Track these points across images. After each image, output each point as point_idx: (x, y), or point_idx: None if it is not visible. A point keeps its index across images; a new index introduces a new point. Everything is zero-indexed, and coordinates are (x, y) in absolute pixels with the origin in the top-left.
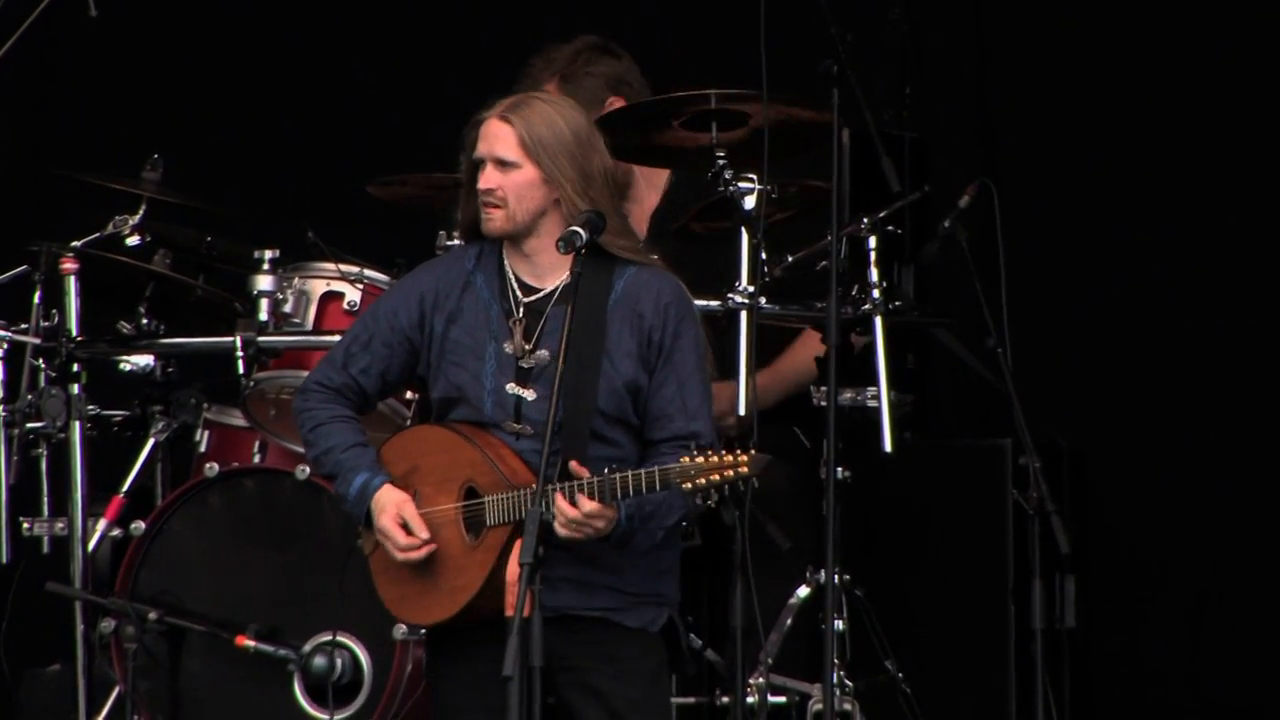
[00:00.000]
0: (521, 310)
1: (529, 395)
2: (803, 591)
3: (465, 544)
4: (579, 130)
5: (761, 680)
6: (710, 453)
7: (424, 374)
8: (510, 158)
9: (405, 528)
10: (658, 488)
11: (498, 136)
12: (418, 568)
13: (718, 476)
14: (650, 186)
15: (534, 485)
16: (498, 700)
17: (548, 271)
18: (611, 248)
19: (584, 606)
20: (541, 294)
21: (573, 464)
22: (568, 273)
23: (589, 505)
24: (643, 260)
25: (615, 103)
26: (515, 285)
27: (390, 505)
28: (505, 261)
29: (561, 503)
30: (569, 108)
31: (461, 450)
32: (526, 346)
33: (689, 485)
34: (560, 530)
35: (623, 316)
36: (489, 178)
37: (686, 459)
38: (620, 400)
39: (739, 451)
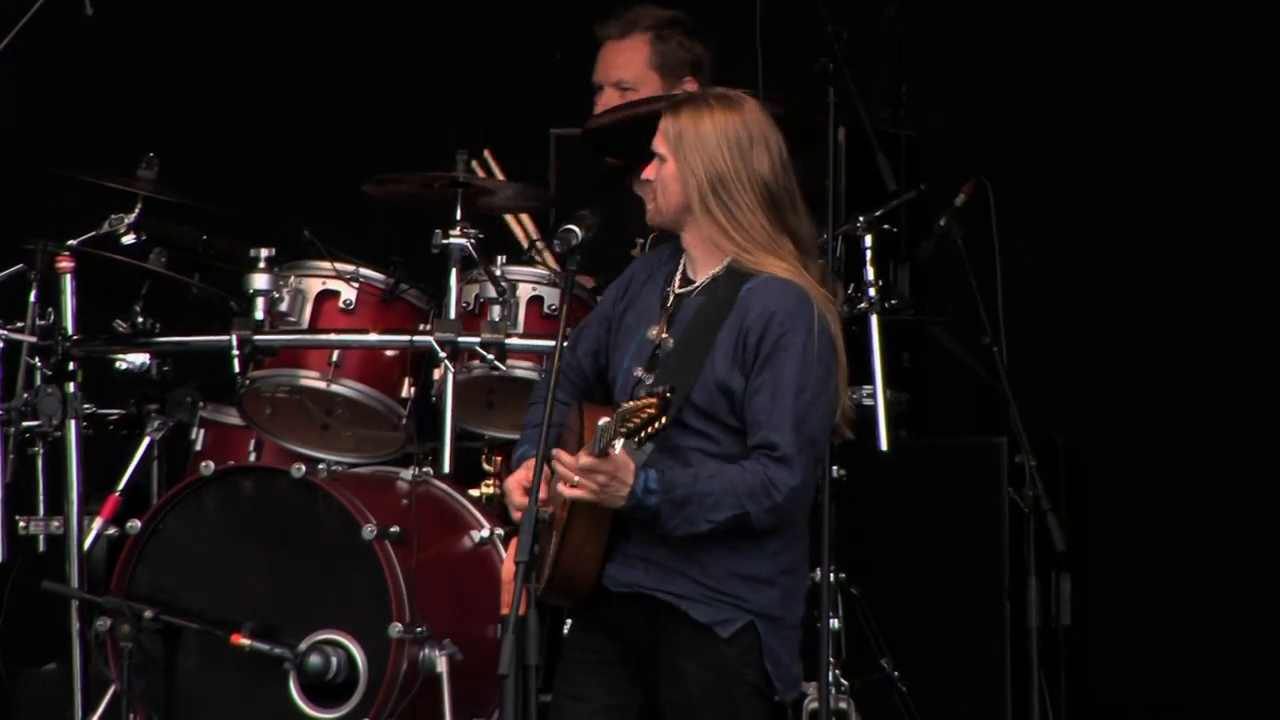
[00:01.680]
0: (672, 300)
1: (649, 379)
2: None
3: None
4: (727, 132)
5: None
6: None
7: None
8: (660, 151)
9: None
10: (612, 430)
11: (658, 130)
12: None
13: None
14: None
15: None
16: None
17: (700, 265)
18: (742, 259)
19: (655, 587)
20: (693, 286)
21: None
22: (713, 270)
23: (585, 459)
24: (788, 269)
25: (690, 84)
26: (679, 278)
27: (522, 469)
28: (684, 254)
29: (562, 454)
30: (729, 112)
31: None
32: (664, 335)
33: (626, 428)
34: (567, 491)
35: (733, 320)
36: (650, 168)
37: (629, 404)
38: (711, 397)
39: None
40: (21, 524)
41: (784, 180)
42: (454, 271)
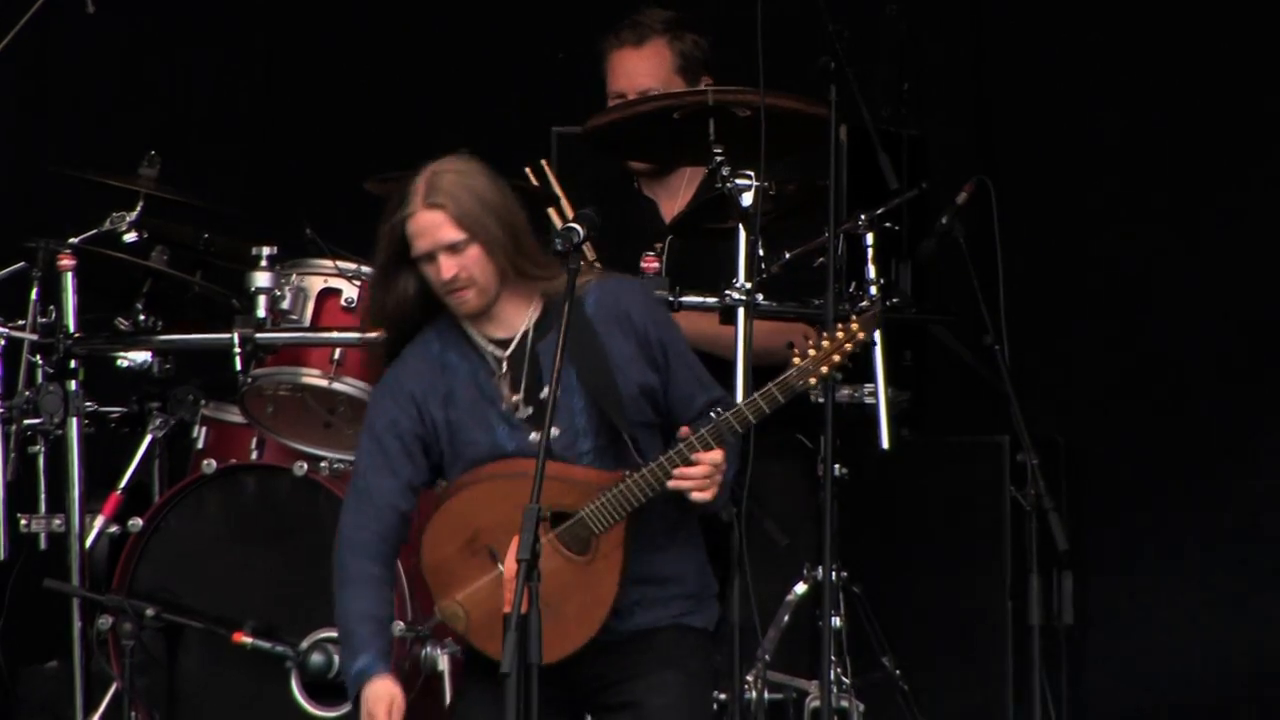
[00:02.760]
0: (504, 365)
1: (554, 433)
2: (800, 588)
3: (577, 564)
4: (491, 187)
5: (759, 677)
6: (823, 338)
7: (439, 463)
8: (456, 239)
9: None
10: (782, 400)
11: (436, 225)
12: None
13: (839, 357)
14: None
15: (616, 481)
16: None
17: (512, 318)
18: (549, 290)
19: (655, 621)
20: (515, 341)
21: (683, 427)
22: (531, 312)
23: (719, 454)
24: (586, 276)
25: (706, 81)
26: (486, 345)
27: (383, 699)
28: (466, 330)
29: (704, 458)
30: (477, 172)
31: (517, 489)
32: (518, 398)
33: (814, 380)
34: (699, 496)
35: (610, 327)
36: (447, 266)
37: (798, 358)
38: (640, 406)
39: (845, 325)
40: (23, 522)
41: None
42: None
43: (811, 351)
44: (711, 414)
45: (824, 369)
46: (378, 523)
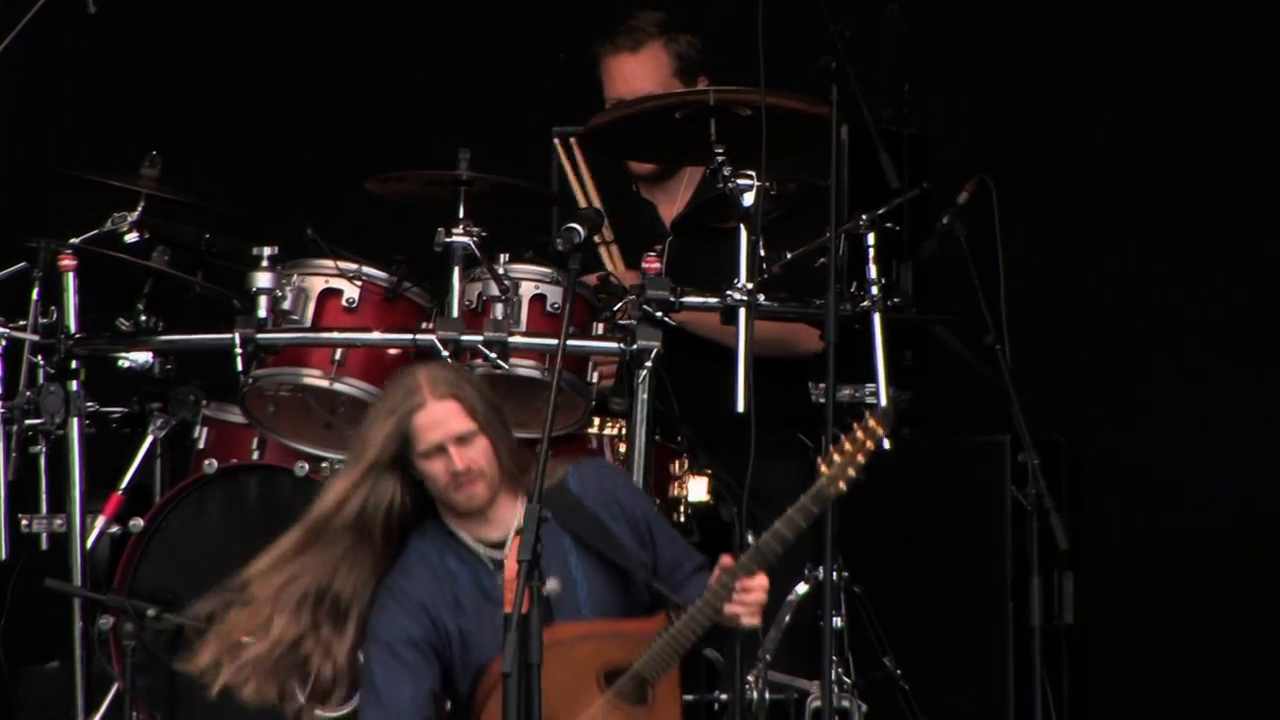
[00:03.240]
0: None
1: (552, 584)
2: (801, 588)
3: (638, 714)
4: (486, 387)
5: (760, 677)
6: (842, 443)
7: (445, 671)
8: (469, 429)
9: None
10: (816, 511)
11: (449, 415)
12: None
13: (862, 457)
14: (686, 185)
15: (663, 626)
16: None
17: (504, 518)
18: (526, 482)
19: None
20: (509, 540)
21: (724, 557)
22: (513, 506)
23: (765, 579)
24: (560, 464)
25: (702, 82)
26: (481, 549)
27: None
28: (459, 536)
29: (753, 584)
30: (465, 371)
31: (568, 653)
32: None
33: (844, 485)
34: (750, 620)
35: (599, 510)
36: (460, 457)
37: (824, 467)
38: (637, 587)
39: (863, 424)
40: (24, 522)
41: None
42: (456, 270)
43: (836, 457)
44: (749, 540)
45: (851, 471)
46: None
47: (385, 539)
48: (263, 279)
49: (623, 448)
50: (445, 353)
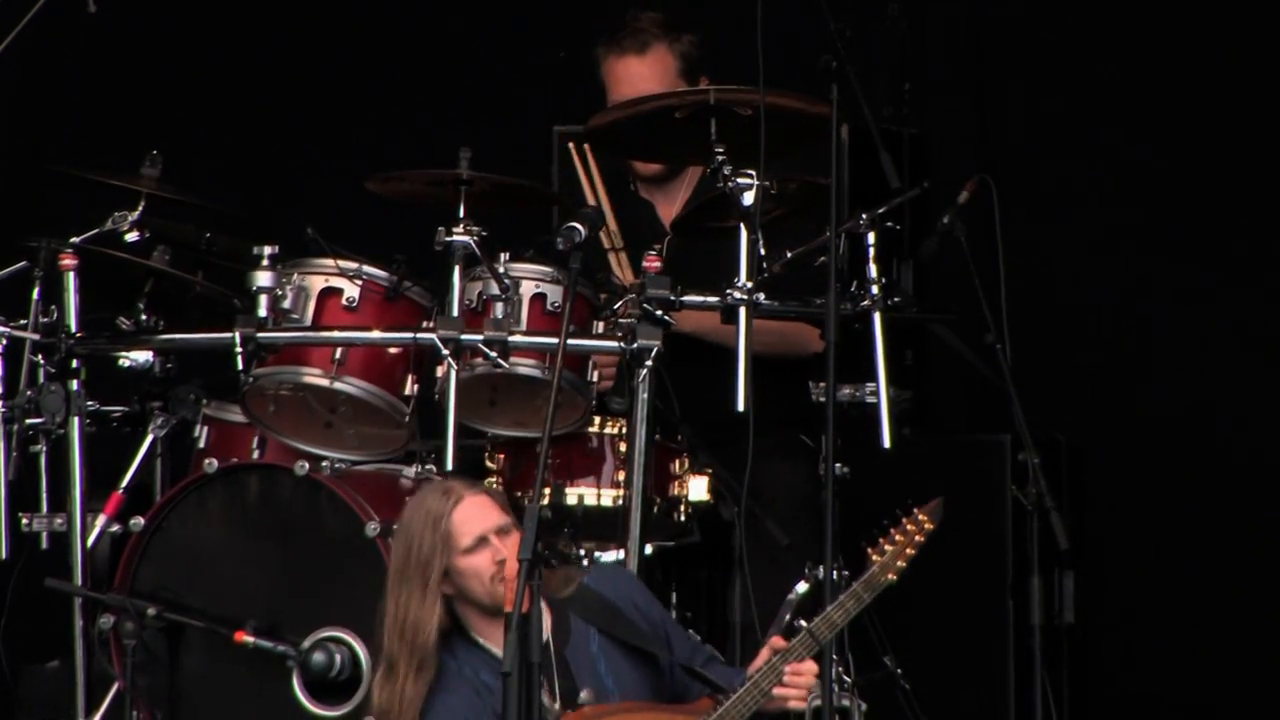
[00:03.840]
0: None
1: (584, 694)
2: (801, 587)
3: None
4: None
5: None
6: (892, 535)
7: None
8: (506, 521)
9: None
10: (867, 599)
11: (487, 507)
12: None
13: (913, 550)
14: (686, 185)
15: (711, 708)
16: None
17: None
18: (551, 588)
19: None
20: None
21: (775, 639)
22: (545, 619)
23: (813, 665)
24: (570, 576)
25: (703, 82)
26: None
27: None
28: (487, 648)
29: (803, 669)
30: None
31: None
32: (556, 705)
33: (893, 576)
34: (800, 705)
35: (628, 619)
36: (504, 546)
37: (876, 556)
38: (664, 676)
39: (913, 518)
40: (24, 521)
41: None
42: (457, 269)
43: (888, 548)
44: (799, 624)
45: (900, 563)
46: None
47: (430, 659)
48: (263, 278)
49: (623, 447)
50: (445, 351)
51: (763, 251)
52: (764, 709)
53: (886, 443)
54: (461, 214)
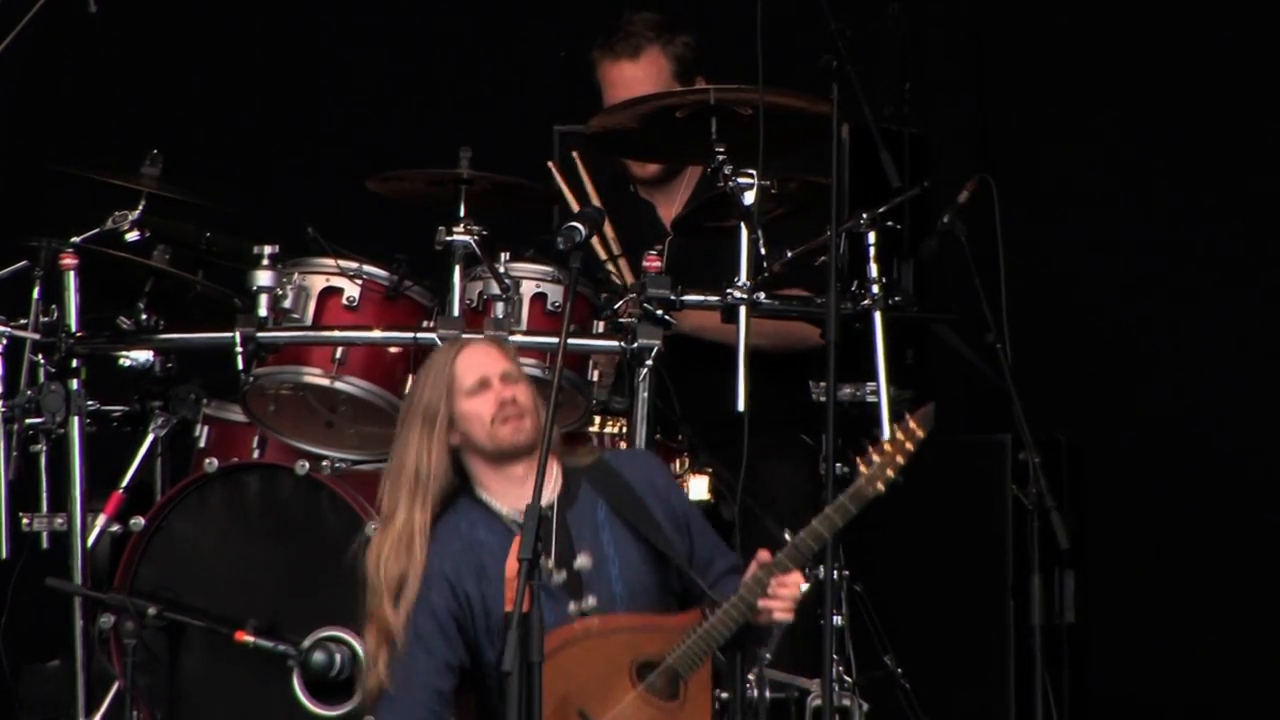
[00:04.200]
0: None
1: (589, 602)
2: (802, 587)
3: (668, 710)
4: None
5: (761, 676)
6: (881, 444)
7: (469, 641)
8: (511, 369)
9: None
10: (854, 511)
11: (491, 354)
12: None
13: (902, 459)
14: (685, 186)
15: (698, 621)
16: None
17: (523, 490)
18: (570, 459)
19: None
20: (544, 507)
21: (761, 553)
22: (553, 480)
23: (799, 576)
24: (592, 450)
25: (700, 82)
26: (512, 516)
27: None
28: (489, 503)
29: (788, 580)
30: None
31: (601, 645)
32: (550, 565)
33: (882, 485)
34: (783, 616)
35: (647, 496)
36: (504, 390)
37: (864, 467)
38: (671, 572)
39: (903, 425)
40: (25, 521)
41: None
42: (457, 268)
43: (876, 457)
44: (786, 536)
45: (889, 472)
46: (420, 708)
47: (430, 503)
48: (263, 277)
49: (623, 446)
50: None
51: (763, 251)
52: (753, 622)
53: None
54: (462, 213)
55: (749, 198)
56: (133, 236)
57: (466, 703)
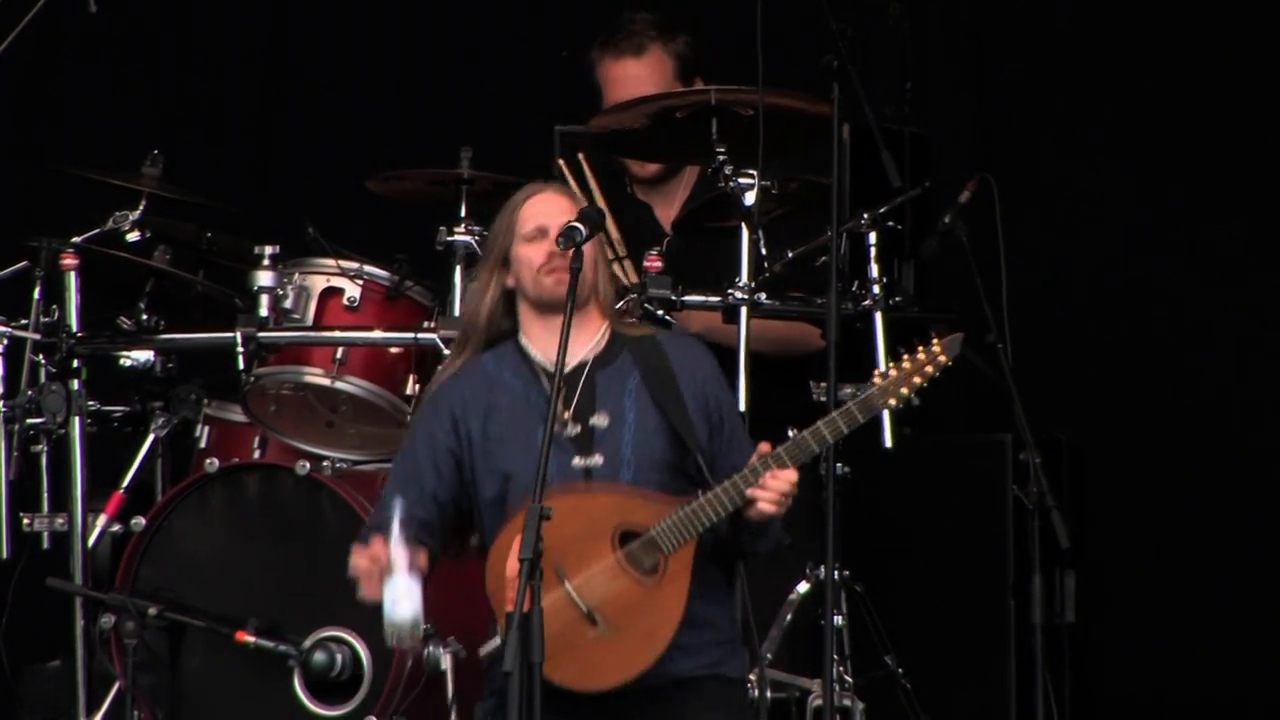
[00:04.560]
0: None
1: (595, 460)
2: (803, 587)
3: (644, 585)
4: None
5: (762, 676)
6: (903, 359)
7: (469, 480)
8: (571, 224)
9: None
10: (861, 419)
11: (558, 204)
12: (586, 633)
13: (919, 379)
14: (684, 186)
15: (687, 501)
16: None
17: (575, 343)
18: (625, 329)
19: (694, 668)
20: (574, 365)
21: (762, 444)
22: (596, 340)
23: (794, 474)
24: (649, 327)
25: (698, 83)
26: (544, 365)
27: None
28: (525, 348)
29: (781, 475)
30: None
31: (588, 503)
32: (568, 416)
33: (894, 401)
34: (769, 508)
35: (685, 380)
36: (556, 248)
37: (879, 379)
38: (683, 447)
39: (927, 347)
40: (25, 521)
41: None
42: (458, 268)
43: (893, 371)
44: (790, 433)
45: (904, 389)
46: (395, 510)
47: (473, 341)
48: (264, 277)
49: None
50: (447, 352)
51: (764, 251)
52: (744, 514)
53: (888, 442)
54: (463, 213)
55: (750, 198)
56: (133, 237)
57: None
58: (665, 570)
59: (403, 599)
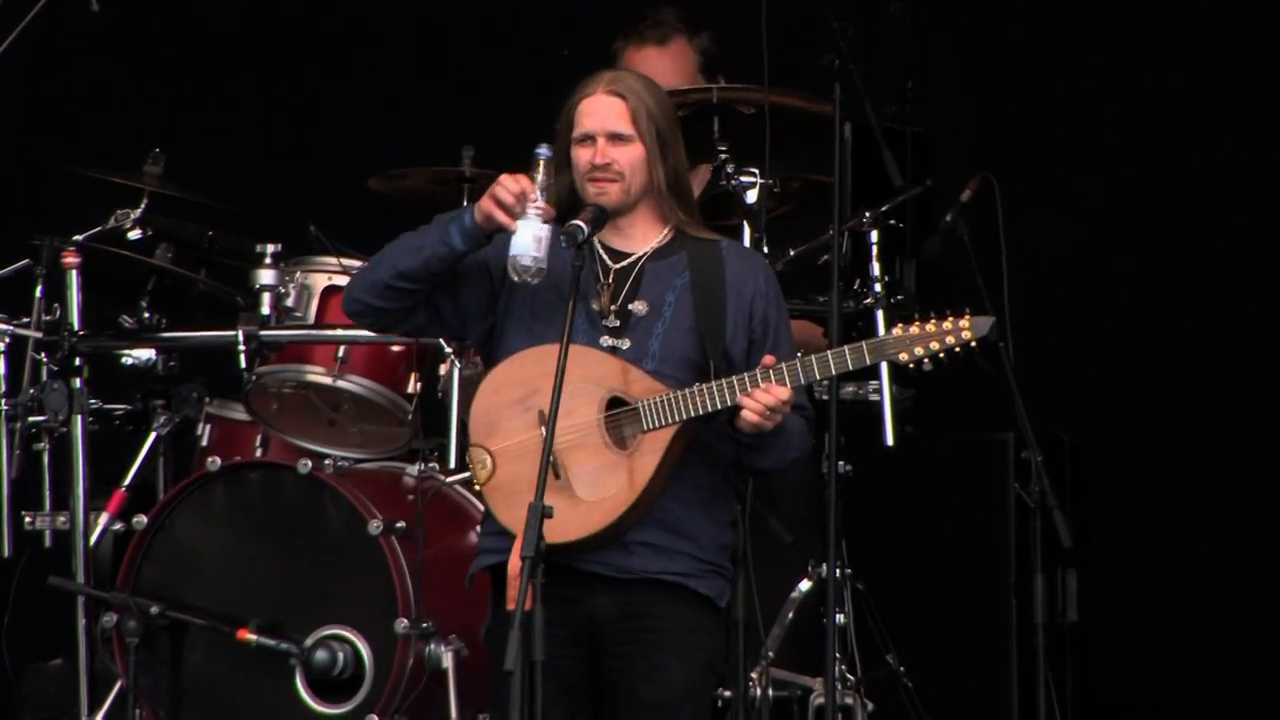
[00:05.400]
0: (611, 275)
1: (624, 344)
2: (805, 585)
3: (613, 454)
4: (673, 114)
5: (764, 674)
6: (929, 321)
7: (501, 321)
8: (625, 131)
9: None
10: (868, 360)
11: (610, 110)
12: (550, 480)
13: (937, 345)
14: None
15: (678, 391)
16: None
17: (638, 238)
18: (685, 227)
19: (661, 570)
20: (631, 257)
21: (768, 356)
22: (659, 238)
23: (788, 392)
24: (715, 236)
25: (721, 81)
26: (603, 252)
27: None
28: (579, 225)
29: (773, 389)
30: (663, 91)
31: (593, 361)
32: (613, 307)
33: (905, 356)
34: (752, 417)
35: (734, 290)
36: (604, 152)
37: (900, 329)
38: (719, 355)
39: (955, 317)
40: (27, 519)
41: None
42: None
43: (914, 329)
44: (798, 354)
45: (919, 349)
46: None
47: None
48: (266, 276)
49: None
50: (449, 350)
51: (766, 250)
52: (732, 420)
53: (890, 441)
54: None
55: (752, 196)
56: (135, 235)
57: None
58: (638, 447)
59: (536, 239)
